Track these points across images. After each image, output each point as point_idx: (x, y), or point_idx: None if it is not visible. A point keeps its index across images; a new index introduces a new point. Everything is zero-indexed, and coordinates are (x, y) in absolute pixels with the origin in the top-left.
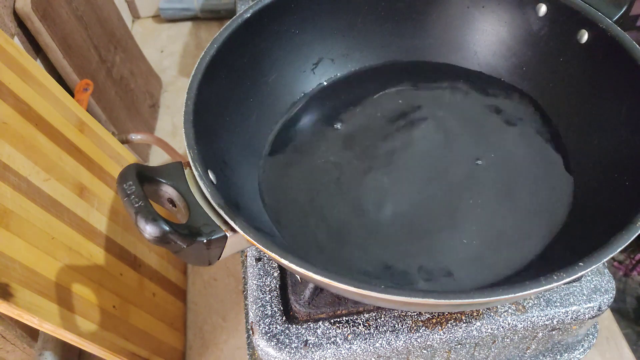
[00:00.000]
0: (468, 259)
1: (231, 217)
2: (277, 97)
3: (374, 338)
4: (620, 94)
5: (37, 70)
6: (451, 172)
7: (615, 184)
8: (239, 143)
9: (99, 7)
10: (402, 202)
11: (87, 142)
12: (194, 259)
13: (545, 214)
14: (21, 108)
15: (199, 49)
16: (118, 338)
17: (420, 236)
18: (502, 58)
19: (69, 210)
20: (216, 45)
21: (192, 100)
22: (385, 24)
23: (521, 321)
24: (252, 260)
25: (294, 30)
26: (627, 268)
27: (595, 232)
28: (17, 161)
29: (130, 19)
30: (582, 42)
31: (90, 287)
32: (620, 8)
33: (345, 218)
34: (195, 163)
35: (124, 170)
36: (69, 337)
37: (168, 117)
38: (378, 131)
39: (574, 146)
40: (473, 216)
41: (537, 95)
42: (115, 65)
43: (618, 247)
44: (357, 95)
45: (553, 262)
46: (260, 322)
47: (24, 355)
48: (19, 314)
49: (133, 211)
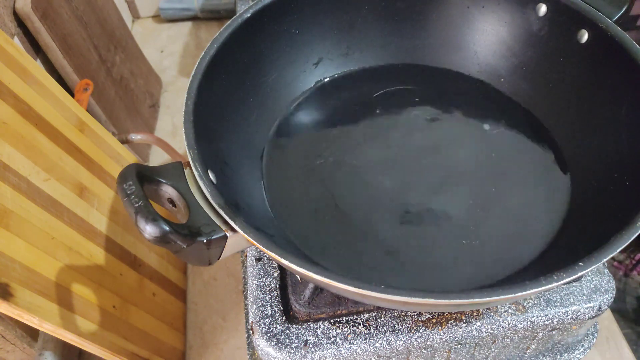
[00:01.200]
0: (468, 259)
1: (231, 217)
2: (277, 97)
3: (374, 338)
4: (620, 94)
5: (37, 70)
6: (451, 172)
7: (615, 184)
8: (239, 143)
9: (99, 7)
10: (402, 202)
11: (87, 142)
12: (194, 259)
13: (545, 214)
14: (21, 108)
15: (199, 49)
16: (118, 338)
17: (421, 236)
18: (502, 58)
19: (69, 210)
20: (216, 45)
21: (192, 100)
22: (385, 24)
23: (521, 321)
24: (252, 260)
25: (294, 30)
26: (627, 268)
27: (595, 232)
28: (17, 161)
29: (130, 19)
30: (582, 42)
31: (90, 287)
32: (620, 8)
33: (345, 217)
34: (195, 163)
35: (124, 170)
36: (69, 337)
37: (168, 117)
38: (378, 131)
39: (574, 146)
40: (472, 216)
41: (537, 95)
42: (115, 65)
43: (618, 247)
44: (357, 95)
45: (553, 262)
46: (260, 322)
47: (24, 355)
48: (19, 314)
49: (133, 211)
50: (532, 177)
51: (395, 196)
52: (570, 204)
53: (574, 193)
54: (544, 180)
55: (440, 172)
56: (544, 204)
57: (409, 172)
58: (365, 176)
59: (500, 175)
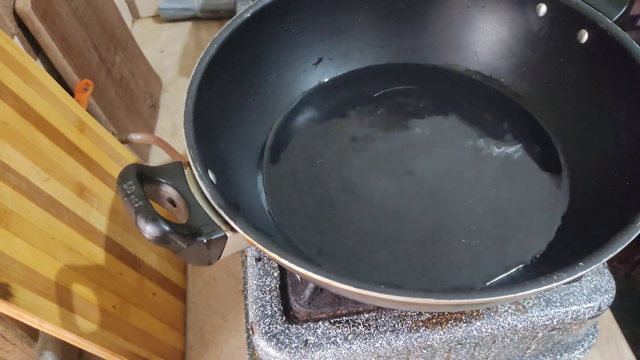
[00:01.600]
0: (467, 259)
1: (231, 217)
2: (277, 97)
3: (374, 338)
4: (620, 94)
5: (37, 70)
6: (451, 171)
7: (615, 184)
8: (239, 143)
9: (99, 7)
10: (402, 201)
11: (87, 142)
12: (194, 259)
13: (545, 214)
14: (21, 108)
15: (199, 49)
16: (118, 338)
17: (421, 236)
18: (502, 58)
19: (69, 210)
20: (216, 45)
21: (192, 100)
22: (385, 24)
23: (521, 321)
24: (252, 260)
25: (294, 30)
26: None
27: (595, 232)
28: (17, 161)
29: (130, 19)
30: (582, 42)
31: (90, 287)
32: (620, 8)
33: (345, 217)
34: (195, 163)
35: (124, 170)
36: (69, 337)
37: (168, 117)
38: (378, 130)
39: (574, 146)
40: (472, 216)
41: (537, 95)
42: (115, 65)
43: (618, 247)
44: (357, 95)
45: (553, 262)
46: (260, 322)
47: (24, 355)
48: (19, 314)
49: (133, 211)
50: (532, 177)
51: (395, 196)
52: (570, 204)
53: (574, 193)
54: (544, 180)
55: (440, 172)
56: (543, 204)
57: (408, 172)
58: (365, 176)
59: (500, 175)
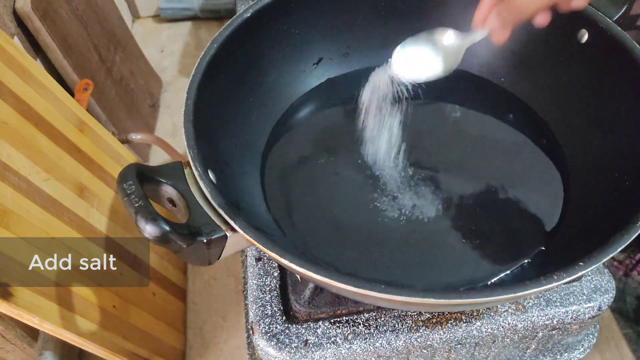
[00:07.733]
0: (467, 259)
1: (231, 217)
2: (277, 97)
3: (374, 338)
4: (620, 94)
5: (37, 70)
6: (451, 171)
7: (615, 184)
8: (239, 143)
9: (99, 7)
10: (402, 202)
11: (87, 142)
12: (194, 259)
13: (545, 214)
14: (21, 108)
15: (199, 49)
16: (118, 338)
17: (421, 235)
18: (502, 58)
19: (69, 210)
20: (216, 45)
21: (192, 100)
22: (386, 23)
23: (521, 321)
24: (252, 260)
25: (294, 30)
26: (627, 268)
27: (595, 232)
28: (17, 161)
29: (130, 19)
30: (582, 42)
31: (90, 287)
32: (620, 8)
33: (345, 217)
34: (195, 163)
35: (124, 170)
36: (69, 337)
37: (168, 117)
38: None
39: (574, 146)
40: (472, 216)
41: (537, 95)
42: (115, 65)
43: (618, 247)
44: (358, 95)
45: (553, 262)
46: (260, 322)
47: (24, 355)
48: (19, 313)
49: (133, 211)
50: (532, 177)
51: (395, 196)
52: (570, 204)
53: (574, 193)
54: (544, 180)
55: (440, 172)
56: (543, 204)
57: (409, 171)
58: (365, 176)
59: (500, 175)
